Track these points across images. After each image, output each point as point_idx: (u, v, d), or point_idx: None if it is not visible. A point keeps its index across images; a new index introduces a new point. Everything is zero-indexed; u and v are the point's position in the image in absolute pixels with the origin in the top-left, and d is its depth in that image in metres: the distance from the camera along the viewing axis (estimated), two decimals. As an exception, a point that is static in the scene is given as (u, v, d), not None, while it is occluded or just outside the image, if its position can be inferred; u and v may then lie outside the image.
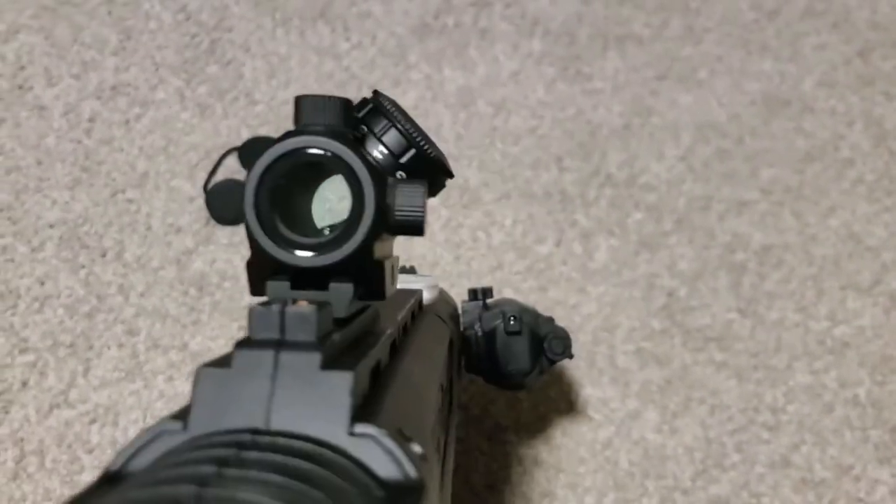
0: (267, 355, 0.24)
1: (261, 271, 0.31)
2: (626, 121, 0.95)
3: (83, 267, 0.82)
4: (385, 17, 0.98)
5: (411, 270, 0.69)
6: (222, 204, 0.86)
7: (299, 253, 0.30)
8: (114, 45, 0.93)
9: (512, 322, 0.67)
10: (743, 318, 0.86)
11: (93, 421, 0.77)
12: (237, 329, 0.81)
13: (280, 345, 0.25)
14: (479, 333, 0.68)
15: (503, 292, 0.86)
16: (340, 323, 0.29)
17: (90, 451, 0.76)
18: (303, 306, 0.25)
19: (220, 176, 0.88)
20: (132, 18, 0.95)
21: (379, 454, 0.23)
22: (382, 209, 0.31)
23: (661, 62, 0.98)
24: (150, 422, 0.77)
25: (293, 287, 0.31)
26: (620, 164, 0.92)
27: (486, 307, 0.70)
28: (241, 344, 0.25)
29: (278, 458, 0.22)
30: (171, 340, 0.80)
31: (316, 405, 0.24)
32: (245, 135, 0.90)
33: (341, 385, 0.24)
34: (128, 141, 0.89)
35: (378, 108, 0.37)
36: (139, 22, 0.95)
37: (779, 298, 0.87)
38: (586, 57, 0.98)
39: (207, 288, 0.83)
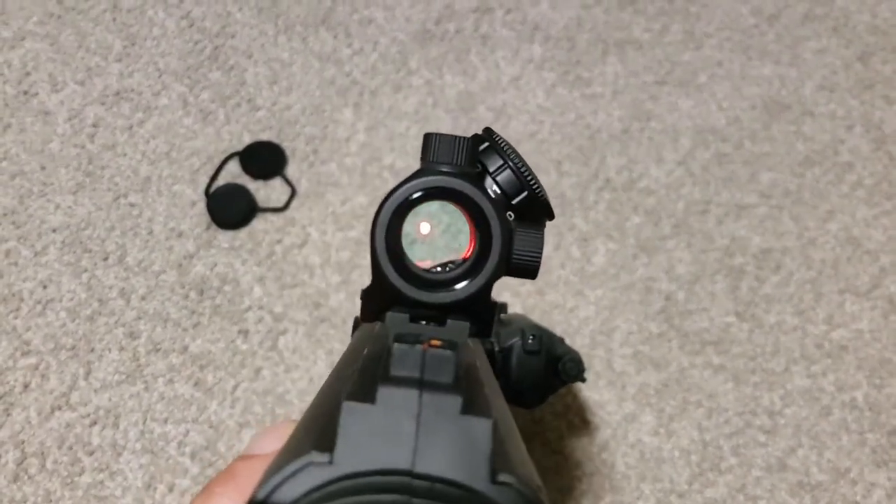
0: (411, 395, 0.24)
1: (379, 301, 0.31)
2: (625, 125, 0.95)
3: (85, 271, 0.83)
4: (387, 23, 0.99)
5: None
6: (223, 208, 0.87)
7: (425, 289, 0.31)
8: (118, 51, 0.95)
9: (531, 341, 0.67)
10: (741, 322, 0.86)
11: (94, 423, 0.78)
12: (237, 333, 0.82)
13: (422, 385, 0.24)
14: (496, 350, 0.68)
15: (501, 296, 0.86)
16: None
17: (91, 454, 0.76)
18: (441, 348, 0.26)
19: (221, 181, 0.89)
20: (136, 25, 0.96)
21: (520, 503, 0.23)
22: (508, 253, 0.31)
23: (661, 67, 0.98)
24: (151, 424, 0.78)
25: (411, 320, 0.31)
26: (619, 168, 0.93)
27: (501, 323, 0.70)
28: (383, 380, 0.25)
29: None
30: (172, 344, 0.81)
31: (459, 450, 0.23)
32: (247, 140, 0.91)
33: (482, 431, 0.24)
34: (131, 146, 0.90)
35: (494, 147, 0.37)
36: (143, 28, 0.96)
37: (777, 302, 0.87)
38: (586, 62, 0.98)
39: (208, 292, 0.84)
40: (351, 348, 0.40)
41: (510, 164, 0.35)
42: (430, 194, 0.31)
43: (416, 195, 0.31)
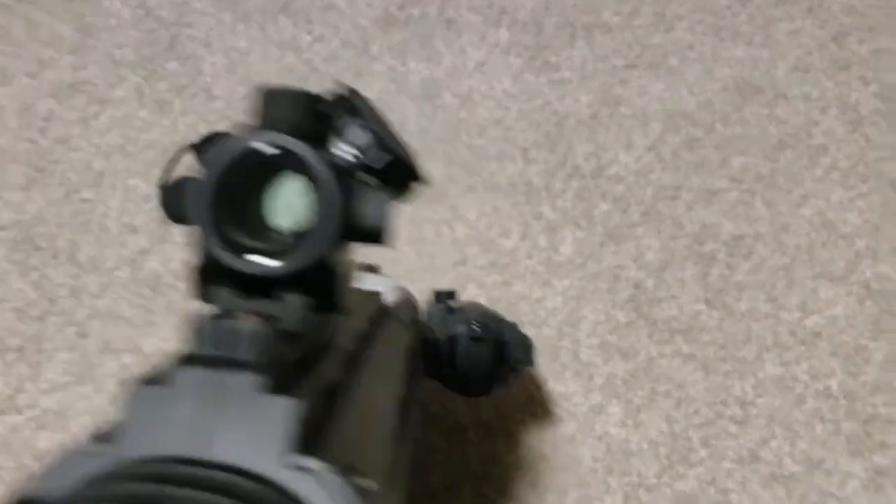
0: (206, 375, 0.23)
1: (208, 277, 0.28)
2: (593, 111, 0.93)
3: (35, 269, 0.81)
4: (349, 8, 0.96)
5: (372, 269, 0.68)
6: (178, 202, 0.84)
7: (251, 259, 0.28)
8: (72, 42, 0.92)
9: (476, 328, 0.65)
10: (711, 310, 0.84)
11: (41, 427, 0.75)
12: (192, 329, 0.80)
13: (222, 364, 0.23)
14: (442, 338, 0.66)
15: (467, 288, 0.84)
16: (292, 338, 0.27)
17: (38, 459, 0.74)
18: (249, 321, 0.24)
19: (176, 173, 0.86)
20: (91, 15, 0.94)
21: (321, 491, 0.21)
22: (345, 217, 0.28)
23: (631, 50, 0.96)
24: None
25: (243, 296, 0.28)
26: (587, 154, 0.90)
27: (450, 311, 0.68)
28: (181, 361, 0.23)
29: (204, 495, 0.20)
30: (124, 343, 0.79)
31: (256, 434, 0.22)
32: (203, 131, 0.88)
33: (284, 413, 0.22)
34: (85, 140, 0.88)
35: (347, 106, 0.34)
36: (98, 19, 0.94)
37: (748, 289, 0.85)
38: (554, 47, 0.96)
39: (161, 289, 0.81)
40: None
41: (368, 124, 0.32)
42: (260, 156, 0.28)
43: (238, 155, 0.28)
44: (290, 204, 0.30)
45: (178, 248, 0.83)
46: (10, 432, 0.75)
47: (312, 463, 0.22)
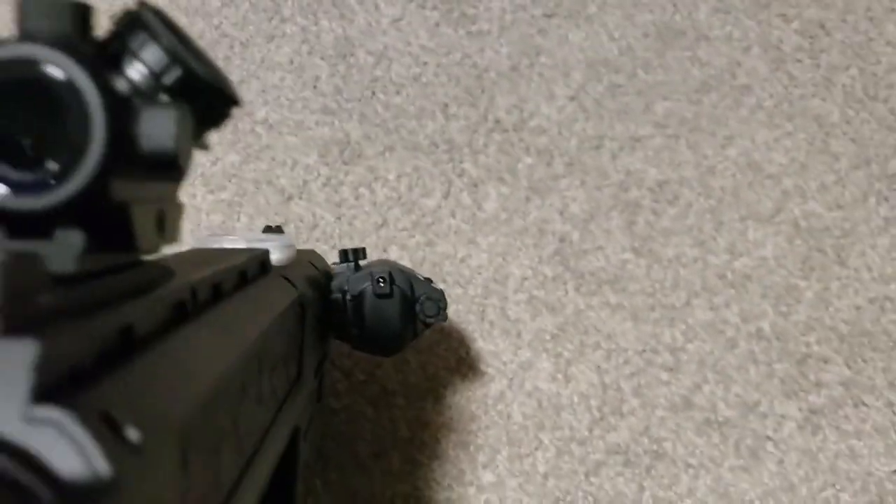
0: None
1: None
2: (513, 62, 0.91)
3: None
4: (258, -30, 0.93)
5: (278, 230, 0.66)
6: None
7: (6, 193, 0.25)
8: (-30, 19, 0.89)
9: (381, 284, 0.64)
10: (638, 258, 0.83)
11: None
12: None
13: None
14: (348, 298, 0.64)
15: (389, 250, 0.82)
16: (65, 280, 0.24)
17: None
18: None
19: None
20: (-12, -10, 0.90)
21: (62, 445, 0.19)
22: (120, 138, 0.25)
23: (549, -2, 0.94)
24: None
25: (12, 235, 0.25)
26: (509, 108, 0.88)
27: (357, 269, 0.66)
28: None
29: None
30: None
31: None
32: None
33: (20, 356, 0.19)
34: None
35: (136, 21, 0.31)
36: (-4, -7, 0.90)
37: (675, 235, 0.84)
38: (470, -2, 0.93)
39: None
40: None
41: (154, 37, 0.29)
42: (9, 69, 0.25)
43: None
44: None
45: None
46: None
47: (54, 413, 0.19)
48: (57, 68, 0.24)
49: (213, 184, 0.82)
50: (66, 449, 0.19)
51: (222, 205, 0.82)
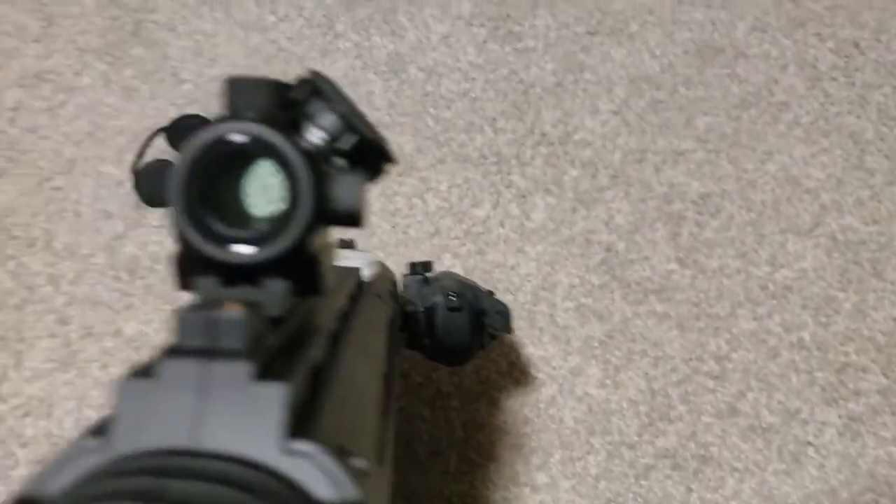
0: (194, 366, 0.23)
1: (189, 266, 0.29)
2: (558, 78, 0.94)
3: (11, 258, 0.81)
4: (311, -13, 0.96)
5: (350, 244, 0.68)
6: (151, 186, 0.84)
7: (230, 248, 0.28)
8: (35, 32, 0.92)
9: (452, 298, 0.66)
10: (683, 269, 0.86)
11: (26, 414, 0.76)
12: (171, 312, 0.80)
13: (208, 354, 0.23)
14: (420, 310, 0.67)
15: (442, 258, 0.85)
16: (275, 323, 0.27)
17: (24, 446, 0.75)
18: (233, 309, 0.24)
19: (148, 157, 0.86)
20: (53, 4, 0.93)
21: (316, 473, 0.22)
22: (319, 201, 0.28)
23: (592, 17, 0.97)
24: (87, 411, 0.76)
25: (225, 284, 0.28)
26: (554, 121, 0.92)
27: (426, 282, 0.69)
28: (167, 352, 0.23)
29: (201, 486, 0.20)
30: (105, 327, 0.79)
31: (247, 421, 0.22)
32: (173, 115, 0.88)
33: (274, 398, 0.22)
34: (53, 128, 0.87)
35: (314, 90, 0.34)
36: (61, 7, 0.93)
37: (718, 246, 0.87)
38: (516, 16, 0.96)
39: (139, 272, 0.82)
40: None
41: (332, 107, 0.33)
42: (231, 144, 0.28)
43: (210, 143, 0.28)
44: (264, 191, 0.30)
45: (154, 231, 0.83)
46: (-4, 421, 0.75)
47: (306, 446, 0.22)
48: (268, 143, 0.27)
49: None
50: (321, 477, 0.22)
51: (283, 213, 0.84)
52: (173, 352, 0.23)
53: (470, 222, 0.87)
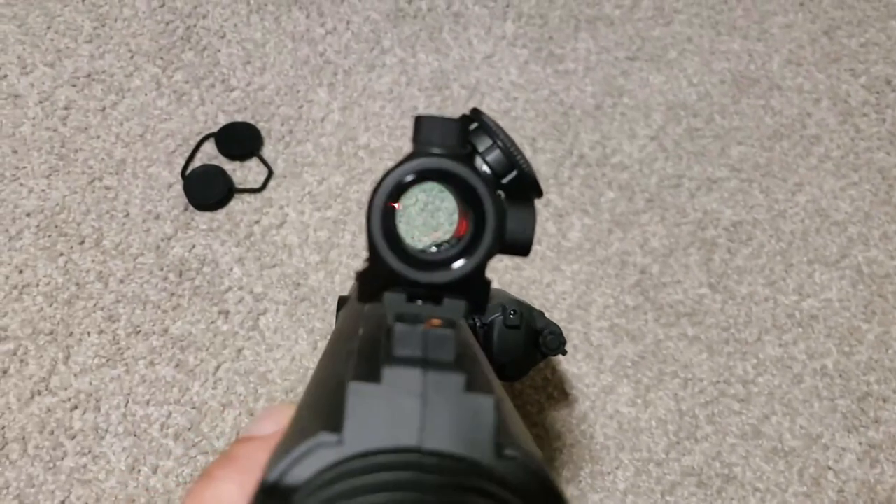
0: (415, 374, 0.25)
1: (374, 282, 0.31)
2: (598, 101, 0.96)
3: (62, 255, 0.83)
4: (359, 2, 0.99)
5: None
6: (201, 190, 0.86)
7: (423, 269, 0.31)
8: (88, 32, 0.94)
9: (512, 316, 0.68)
10: (714, 294, 0.88)
11: (75, 407, 0.78)
12: (217, 313, 0.82)
13: (425, 364, 0.25)
14: (477, 325, 0.69)
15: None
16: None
17: (73, 437, 0.76)
18: (440, 326, 0.26)
19: (197, 162, 0.89)
20: (106, 5, 0.95)
21: (526, 475, 0.24)
22: (502, 230, 0.31)
23: (632, 43, 0.99)
24: (133, 407, 0.78)
25: (408, 300, 0.31)
26: (593, 143, 0.94)
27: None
28: (388, 360, 0.25)
29: (452, 480, 0.22)
30: (152, 326, 0.81)
31: (464, 426, 0.24)
32: (222, 121, 0.91)
33: (486, 408, 0.24)
34: (104, 128, 0.89)
35: (483, 127, 0.37)
36: (113, 9, 0.95)
37: (748, 273, 0.89)
38: (558, 38, 0.99)
39: (187, 273, 0.84)
40: (340, 328, 0.40)
41: (499, 143, 0.36)
42: (424, 176, 0.31)
43: (409, 178, 0.31)
44: (431, 224, 0.33)
45: (202, 234, 0.85)
46: (46, 413, 0.77)
47: (515, 452, 0.24)
48: (460, 177, 0.30)
49: (320, 202, 0.87)
50: (530, 479, 0.24)
51: (328, 222, 0.87)
52: (393, 360, 0.25)
53: (508, 239, 0.89)
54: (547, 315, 0.83)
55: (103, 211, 0.85)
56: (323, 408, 0.27)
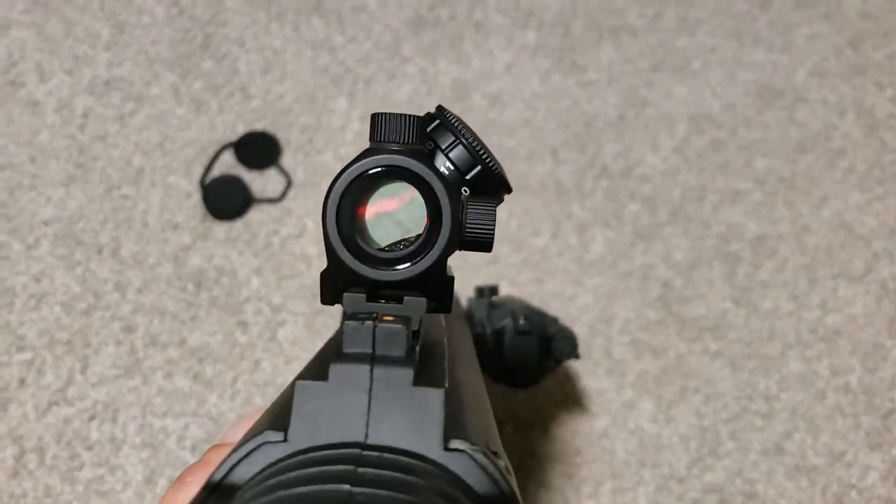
0: (363, 370, 0.25)
1: (335, 282, 0.32)
2: (620, 112, 0.95)
3: (79, 264, 0.82)
4: (379, 10, 0.98)
5: None
6: (219, 200, 0.86)
7: (379, 267, 0.31)
8: (106, 39, 0.93)
9: (522, 322, 0.67)
10: (737, 308, 0.87)
11: (92, 418, 0.77)
12: (236, 324, 0.81)
13: (374, 360, 0.25)
14: (488, 332, 0.68)
15: (500, 285, 0.86)
16: (414, 335, 0.30)
17: (90, 448, 0.76)
18: (392, 322, 0.26)
19: (216, 172, 0.88)
20: (124, 13, 0.95)
21: (473, 469, 0.24)
22: (459, 226, 0.31)
23: (656, 53, 0.98)
24: (151, 418, 0.77)
25: (368, 299, 0.31)
26: (616, 155, 0.93)
27: (493, 305, 0.70)
28: (337, 358, 0.25)
29: (389, 474, 0.22)
30: (170, 337, 0.81)
31: (411, 421, 0.24)
32: (241, 130, 0.90)
33: (434, 401, 0.25)
34: (122, 137, 0.89)
35: (445, 124, 0.37)
36: (132, 16, 0.95)
37: (772, 288, 0.88)
38: (581, 48, 0.98)
39: (205, 283, 0.83)
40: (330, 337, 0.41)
41: (461, 139, 0.36)
42: (379, 173, 0.32)
43: (363, 173, 0.31)
44: (401, 222, 0.33)
45: (221, 244, 0.84)
46: (63, 423, 0.76)
47: (463, 445, 0.24)
48: (414, 174, 0.31)
49: (339, 212, 0.87)
50: (479, 474, 0.24)
51: (347, 233, 0.86)
52: (341, 357, 0.25)
53: (529, 251, 0.88)
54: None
55: (121, 220, 0.85)
56: (275, 408, 0.28)
